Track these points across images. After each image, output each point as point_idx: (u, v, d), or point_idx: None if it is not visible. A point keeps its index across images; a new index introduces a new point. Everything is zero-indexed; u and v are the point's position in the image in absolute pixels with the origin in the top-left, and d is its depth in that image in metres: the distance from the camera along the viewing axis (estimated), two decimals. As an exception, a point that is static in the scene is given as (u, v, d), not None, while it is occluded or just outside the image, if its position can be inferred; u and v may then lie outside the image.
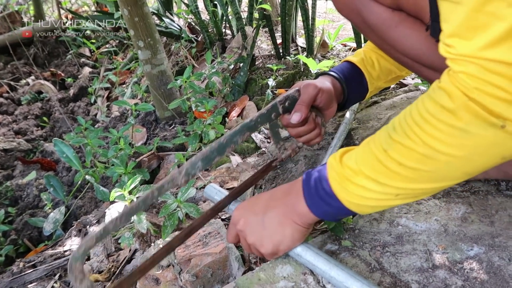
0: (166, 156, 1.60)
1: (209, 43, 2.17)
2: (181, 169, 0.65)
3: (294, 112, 0.77)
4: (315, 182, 0.61)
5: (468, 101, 0.42)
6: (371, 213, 0.83)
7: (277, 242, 0.65)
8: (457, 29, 0.42)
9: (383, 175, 0.53)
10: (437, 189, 0.53)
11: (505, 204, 0.80)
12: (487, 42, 0.39)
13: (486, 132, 0.43)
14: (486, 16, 0.39)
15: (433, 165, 0.49)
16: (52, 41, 3.38)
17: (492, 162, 0.47)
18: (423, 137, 0.47)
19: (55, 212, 1.29)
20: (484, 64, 0.40)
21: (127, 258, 1.02)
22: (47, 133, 2.43)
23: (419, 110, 0.48)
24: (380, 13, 0.66)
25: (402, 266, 0.69)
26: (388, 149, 0.51)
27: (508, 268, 0.66)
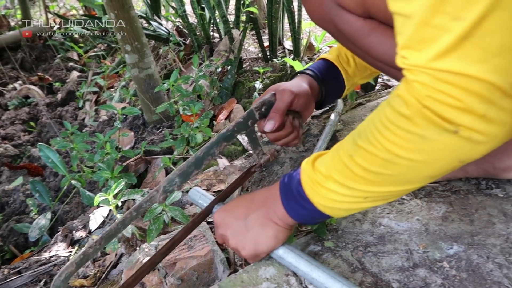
0: (153, 160, 1.59)
1: (197, 46, 2.18)
2: (159, 187, 0.65)
3: (268, 121, 0.77)
4: (291, 186, 0.63)
5: (422, 108, 0.44)
6: (353, 214, 0.83)
7: (259, 244, 0.66)
8: (408, 41, 0.44)
9: (350, 179, 0.54)
10: (404, 191, 0.54)
11: (484, 203, 0.82)
12: (435, 53, 0.41)
13: (441, 137, 0.44)
14: (434, 29, 0.41)
15: (395, 170, 0.50)
16: (39, 46, 3.35)
17: (451, 165, 0.48)
18: (384, 143, 0.49)
19: (40, 217, 1.28)
20: (435, 74, 0.42)
21: (113, 263, 1.02)
22: (35, 138, 2.41)
23: (380, 117, 0.50)
24: (352, 22, 0.68)
25: (383, 265, 0.70)
26: (353, 155, 0.53)
27: (486, 266, 0.67)
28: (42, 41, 3.36)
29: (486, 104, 0.41)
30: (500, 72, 0.40)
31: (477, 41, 0.39)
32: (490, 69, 0.40)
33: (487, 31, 0.39)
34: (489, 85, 0.40)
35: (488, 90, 0.40)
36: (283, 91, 0.79)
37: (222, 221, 0.70)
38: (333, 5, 0.68)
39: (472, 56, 0.40)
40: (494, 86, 0.40)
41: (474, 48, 0.39)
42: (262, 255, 0.68)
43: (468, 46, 0.40)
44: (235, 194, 1.15)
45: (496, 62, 0.40)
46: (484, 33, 0.39)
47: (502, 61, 0.40)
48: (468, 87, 0.41)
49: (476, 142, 0.44)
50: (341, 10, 0.68)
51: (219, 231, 0.70)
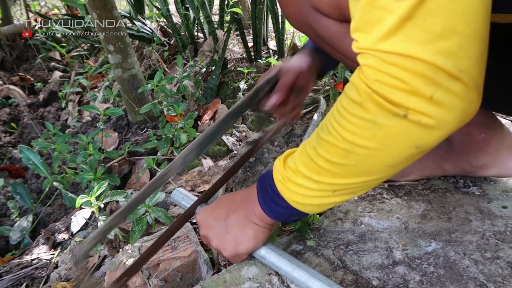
0: (137, 161, 1.58)
1: (181, 47, 2.17)
2: (177, 159, 0.68)
3: (272, 95, 0.79)
4: (266, 184, 0.64)
5: (371, 93, 0.44)
6: (335, 213, 0.85)
7: (240, 245, 0.67)
8: (358, 24, 0.45)
9: (316, 172, 0.55)
10: (369, 183, 0.54)
11: (462, 201, 0.84)
12: (381, 35, 0.41)
13: (392, 122, 0.44)
14: (379, 10, 0.41)
15: (354, 159, 0.50)
16: (20, 45, 3.29)
17: (408, 152, 0.48)
18: (341, 132, 0.49)
19: (22, 220, 1.26)
20: (381, 56, 0.42)
21: (96, 265, 1.01)
22: (16, 140, 2.37)
23: (337, 107, 0.50)
24: (329, 26, 0.69)
25: (364, 263, 0.71)
26: (317, 147, 0.53)
27: (463, 262, 0.69)
28: (23, 41, 3.30)
29: (432, 86, 0.41)
30: (444, 55, 0.40)
31: (420, 22, 0.40)
32: (434, 51, 0.40)
33: (429, 11, 0.39)
34: (433, 67, 0.40)
35: (432, 71, 0.41)
36: (288, 69, 0.81)
37: (204, 221, 0.71)
38: (310, 9, 0.69)
39: (415, 37, 0.40)
40: (439, 67, 0.40)
41: (417, 29, 0.40)
42: (242, 255, 0.69)
43: (411, 27, 0.40)
44: (220, 194, 1.15)
45: (439, 44, 0.40)
46: (425, 13, 0.39)
47: (446, 43, 0.40)
48: (413, 68, 0.41)
49: (427, 127, 0.44)
50: (317, 14, 0.69)
51: (201, 231, 0.71)
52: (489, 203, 0.82)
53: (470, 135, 0.83)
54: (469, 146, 0.84)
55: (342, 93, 0.50)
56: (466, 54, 0.41)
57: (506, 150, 0.83)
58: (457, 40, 0.40)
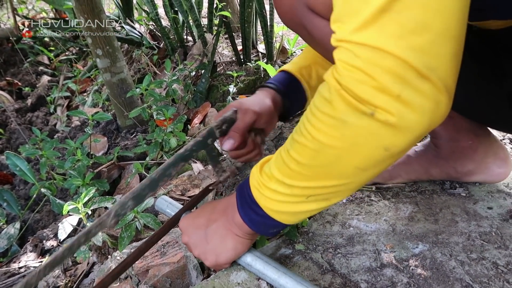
0: (127, 166, 1.57)
1: (171, 50, 2.16)
2: (110, 211, 0.63)
3: (227, 139, 0.74)
4: (244, 193, 0.63)
5: (340, 90, 0.44)
6: (324, 216, 0.85)
7: (219, 256, 0.67)
8: (337, 15, 0.45)
9: (287, 176, 0.54)
10: (341, 188, 0.53)
11: (448, 202, 0.85)
12: (356, 25, 0.41)
13: (360, 121, 0.44)
14: (358, 1, 0.41)
15: (324, 160, 0.49)
16: (7, 49, 3.25)
17: (377, 154, 0.46)
18: (311, 131, 0.49)
19: (8, 227, 1.24)
20: (353, 49, 0.42)
21: (85, 272, 1.00)
22: (3, 145, 2.34)
23: (310, 106, 0.50)
24: (322, 27, 0.68)
25: (352, 266, 0.72)
26: (289, 149, 0.53)
27: (449, 264, 0.69)
28: (10, 45, 3.26)
29: (400, 84, 0.40)
30: (416, 51, 0.40)
31: (395, 15, 0.39)
32: (406, 46, 0.40)
33: (404, 5, 0.39)
34: (403, 63, 0.40)
35: (402, 68, 0.40)
36: (246, 110, 0.76)
37: (185, 229, 0.70)
38: (305, 9, 0.68)
39: (389, 30, 0.40)
40: (408, 64, 0.40)
41: (391, 22, 0.40)
42: (224, 265, 0.69)
43: (386, 20, 0.40)
44: (209, 199, 1.15)
45: (412, 39, 0.40)
46: (401, 7, 0.39)
47: (418, 39, 0.40)
48: (383, 63, 0.40)
49: (394, 127, 0.43)
50: (312, 15, 0.68)
51: (183, 239, 0.71)
52: (475, 204, 0.83)
53: (457, 141, 0.83)
54: (456, 152, 0.85)
55: (316, 91, 0.50)
56: (437, 52, 0.41)
57: (492, 157, 0.84)
58: (429, 37, 0.40)
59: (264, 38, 1.82)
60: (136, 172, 1.27)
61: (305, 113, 0.51)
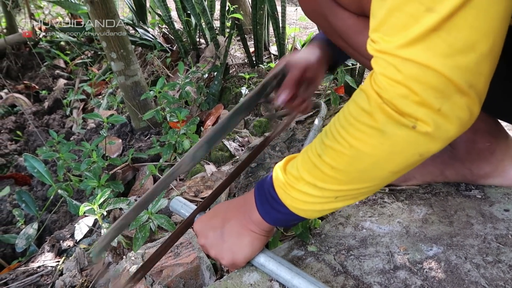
0: (141, 167, 1.60)
1: (183, 53, 2.18)
2: (186, 156, 0.68)
3: (280, 93, 0.78)
4: (265, 191, 0.63)
5: (382, 103, 0.45)
6: (336, 218, 0.85)
7: (236, 254, 0.67)
8: (379, 25, 0.45)
9: (320, 179, 0.55)
10: (372, 188, 0.55)
11: (463, 204, 0.84)
12: (404, 41, 0.42)
13: (400, 132, 0.45)
14: (406, 16, 0.42)
15: (361, 166, 0.51)
16: (25, 54, 3.33)
17: (412, 160, 0.49)
18: (349, 139, 0.50)
19: (27, 228, 1.27)
20: (397, 64, 0.43)
21: (101, 272, 1.02)
22: (22, 147, 2.39)
23: (344, 114, 0.51)
24: (345, 19, 0.68)
25: (365, 268, 0.71)
26: (321, 154, 0.54)
27: (464, 266, 0.69)
28: (27, 49, 3.33)
29: (441, 98, 0.42)
30: (460, 69, 0.41)
31: (444, 35, 0.40)
32: (452, 65, 0.41)
33: (455, 26, 0.40)
34: (446, 80, 0.41)
35: (444, 85, 0.42)
36: (295, 64, 0.80)
37: (201, 231, 0.71)
38: (328, 0, 0.68)
39: (437, 48, 0.41)
40: (451, 81, 0.42)
41: (441, 41, 0.41)
42: (240, 264, 0.69)
43: (435, 39, 0.41)
44: (222, 198, 1.16)
45: (458, 59, 0.41)
46: (451, 28, 0.40)
47: (464, 58, 0.41)
48: (427, 80, 0.42)
49: (432, 137, 0.45)
50: (335, 6, 0.68)
51: (199, 241, 0.71)
52: (491, 207, 0.82)
53: (475, 143, 0.82)
54: (472, 154, 0.83)
55: (351, 99, 0.51)
56: (480, 71, 0.42)
57: (509, 160, 0.82)
58: (474, 57, 0.41)
59: (276, 40, 1.82)
60: (150, 174, 1.29)
61: (337, 120, 0.52)
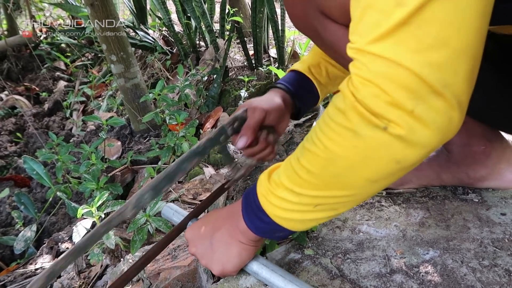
0: (140, 170, 1.60)
1: (183, 55, 2.19)
2: (128, 203, 0.64)
3: (240, 137, 0.76)
4: (250, 199, 0.63)
5: (355, 101, 0.44)
6: (333, 222, 0.85)
7: (226, 264, 0.67)
8: (355, 25, 0.44)
9: (297, 184, 0.54)
10: (350, 199, 0.53)
11: (460, 208, 0.84)
12: (374, 36, 0.41)
13: (373, 133, 0.44)
14: (377, 13, 0.41)
15: (335, 170, 0.49)
16: (26, 55, 3.34)
17: (388, 167, 0.46)
18: (324, 140, 0.48)
19: (26, 230, 1.27)
20: (367, 61, 0.42)
21: (98, 274, 1.02)
22: (21, 149, 2.40)
23: (323, 116, 0.50)
24: (335, 30, 0.68)
25: (361, 272, 0.71)
26: (300, 157, 0.53)
27: (461, 270, 0.69)
28: (28, 51, 3.34)
29: (414, 99, 0.40)
30: (432, 67, 0.39)
31: (414, 30, 0.39)
32: (422, 62, 0.39)
33: (425, 20, 0.39)
34: (418, 79, 0.40)
35: (416, 84, 0.40)
36: (255, 108, 0.78)
37: (191, 239, 0.71)
38: (317, 13, 0.68)
39: (407, 43, 0.40)
40: (423, 80, 0.40)
41: (410, 36, 0.39)
42: (231, 273, 0.69)
43: (404, 33, 0.39)
44: (220, 204, 1.16)
45: (429, 55, 0.39)
46: (421, 22, 0.39)
47: (435, 55, 0.39)
48: (397, 78, 0.40)
49: (407, 142, 0.43)
50: (324, 19, 0.68)
51: (190, 250, 0.71)
52: (488, 210, 0.82)
53: (470, 146, 0.82)
54: (468, 157, 0.84)
55: (330, 101, 0.50)
56: (454, 69, 0.40)
57: (505, 163, 0.83)
58: (447, 53, 0.39)
59: (276, 43, 1.83)
60: (149, 176, 1.29)
61: (317, 122, 0.51)
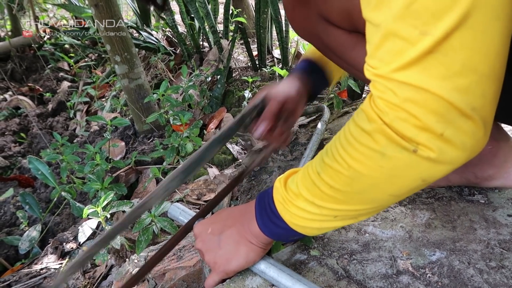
0: (144, 170, 1.60)
1: (187, 56, 2.19)
2: (160, 186, 0.66)
3: (258, 125, 0.77)
4: (265, 203, 0.63)
5: (382, 125, 0.44)
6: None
7: (230, 262, 0.67)
8: (375, 51, 0.44)
9: (318, 197, 0.54)
10: (371, 210, 0.54)
11: (466, 209, 0.84)
12: (399, 64, 0.41)
13: (401, 155, 0.44)
14: (401, 41, 0.41)
15: (359, 187, 0.50)
16: (30, 56, 3.35)
17: (413, 184, 0.48)
18: (347, 159, 0.49)
19: (31, 230, 1.28)
20: (395, 88, 0.42)
21: (103, 274, 1.02)
22: (25, 149, 2.40)
23: (345, 133, 0.50)
24: (338, 36, 0.68)
25: (368, 273, 0.71)
26: (320, 172, 0.53)
27: (467, 271, 0.68)
28: (32, 52, 3.36)
29: (443, 123, 0.41)
30: (460, 92, 0.40)
31: (441, 57, 0.40)
32: (450, 87, 0.40)
33: (451, 48, 0.39)
34: (446, 104, 0.40)
35: (445, 108, 0.41)
36: (274, 95, 0.79)
37: (199, 235, 0.71)
38: (319, 18, 0.68)
39: (434, 71, 0.40)
40: (452, 105, 0.40)
41: (437, 63, 0.40)
42: (230, 273, 0.69)
43: (431, 61, 0.40)
44: (225, 204, 1.16)
45: (456, 81, 0.40)
46: (447, 49, 0.39)
47: (463, 80, 0.40)
48: (426, 104, 0.41)
49: (436, 162, 0.44)
50: (326, 24, 0.68)
51: (196, 245, 0.71)
52: (494, 211, 0.82)
53: None
54: (475, 157, 0.83)
55: (351, 119, 0.50)
56: (481, 93, 0.41)
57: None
58: (474, 78, 0.40)
59: (280, 44, 1.83)
60: (153, 177, 1.29)
61: (338, 139, 0.51)
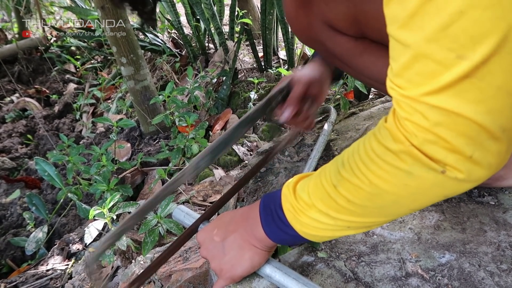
0: (150, 171, 1.60)
1: (192, 57, 2.19)
2: (189, 166, 0.68)
3: (284, 109, 0.79)
4: (271, 210, 0.62)
5: (410, 147, 0.43)
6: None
7: (235, 267, 0.66)
8: (403, 70, 0.42)
9: (334, 209, 0.54)
10: (388, 221, 0.55)
11: (476, 211, 0.82)
12: (432, 88, 0.40)
13: (428, 175, 0.44)
14: (434, 64, 0.39)
15: (380, 203, 0.50)
16: (36, 58, 3.38)
17: (435, 200, 0.49)
18: (369, 176, 0.48)
19: (37, 231, 1.28)
20: (423, 110, 0.41)
21: (109, 275, 1.02)
22: (32, 151, 2.42)
23: (365, 149, 0.49)
24: (344, 43, 0.67)
25: (376, 275, 0.70)
26: (337, 185, 0.52)
27: (478, 274, 0.67)
28: (39, 54, 3.38)
29: (473, 145, 0.41)
30: (492, 115, 0.39)
31: (477, 82, 0.38)
32: (483, 111, 0.39)
33: (489, 72, 0.38)
34: (478, 127, 0.39)
35: (476, 132, 0.40)
36: (299, 79, 0.80)
37: (203, 242, 0.70)
38: (323, 26, 0.67)
39: (468, 95, 0.39)
40: (483, 128, 0.40)
41: (472, 88, 0.38)
42: (237, 279, 0.68)
43: (466, 85, 0.38)
44: (231, 206, 1.16)
45: (490, 104, 0.39)
46: (485, 74, 0.38)
47: (497, 103, 0.39)
48: (457, 127, 0.40)
49: (462, 181, 0.44)
50: (331, 32, 0.67)
51: (201, 252, 0.70)
52: (505, 213, 0.81)
53: None
54: None
55: (372, 135, 0.49)
56: None
57: None
58: (508, 101, 0.39)
59: (285, 45, 1.82)
60: (159, 178, 1.29)
61: (357, 153, 0.50)
